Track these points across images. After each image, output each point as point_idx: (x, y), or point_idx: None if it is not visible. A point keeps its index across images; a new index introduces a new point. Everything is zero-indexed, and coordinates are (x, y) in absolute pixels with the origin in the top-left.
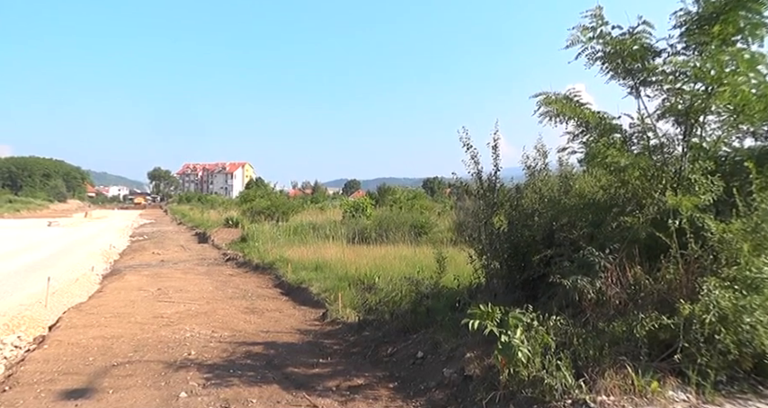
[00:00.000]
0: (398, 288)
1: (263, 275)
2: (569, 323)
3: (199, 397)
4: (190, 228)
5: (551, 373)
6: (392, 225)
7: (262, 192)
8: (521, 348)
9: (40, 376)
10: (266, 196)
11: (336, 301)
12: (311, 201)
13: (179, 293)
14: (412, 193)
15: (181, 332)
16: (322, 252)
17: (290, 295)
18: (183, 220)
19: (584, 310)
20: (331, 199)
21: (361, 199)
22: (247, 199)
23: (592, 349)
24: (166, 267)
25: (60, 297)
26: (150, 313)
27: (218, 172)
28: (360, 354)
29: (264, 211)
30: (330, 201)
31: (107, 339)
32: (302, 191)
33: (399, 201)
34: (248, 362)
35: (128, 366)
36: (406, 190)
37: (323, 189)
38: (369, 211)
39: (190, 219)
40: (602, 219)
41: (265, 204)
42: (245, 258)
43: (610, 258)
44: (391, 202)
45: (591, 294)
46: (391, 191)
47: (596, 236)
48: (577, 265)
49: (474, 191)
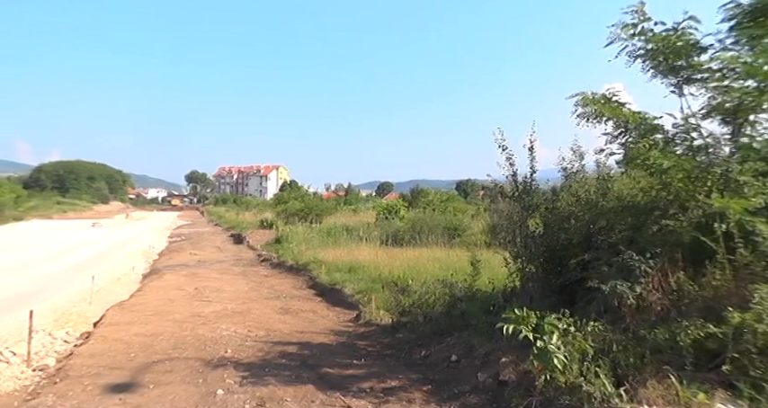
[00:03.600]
0: (432, 290)
1: (298, 276)
2: (608, 330)
3: (235, 395)
4: (225, 229)
5: (590, 380)
6: (425, 227)
7: (296, 194)
8: (557, 354)
9: (87, 370)
10: (300, 198)
11: (370, 303)
12: (344, 203)
13: (216, 293)
14: (445, 195)
15: (218, 331)
16: (355, 253)
17: (324, 296)
18: (219, 222)
19: (624, 316)
20: (364, 202)
21: (395, 202)
22: (282, 201)
23: (632, 356)
24: (203, 267)
25: (104, 294)
26: (188, 311)
27: (253, 174)
28: (394, 356)
29: (298, 213)
30: (363, 203)
31: (148, 336)
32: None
33: (432, 203)
34: (283, 362)
35: (167, 362)
36: (440, 193)
37: (356, 191)
38: (402, 213)
39: (226, 221)
40: (642, 222)
41: (299, 206)
42: (279, 259)
43: (651, 262)
44: (424, 204)
45: (631, 299)
46: (424, 193)
47: (636, 240)
48: (616, 270)
49: (509, 193)
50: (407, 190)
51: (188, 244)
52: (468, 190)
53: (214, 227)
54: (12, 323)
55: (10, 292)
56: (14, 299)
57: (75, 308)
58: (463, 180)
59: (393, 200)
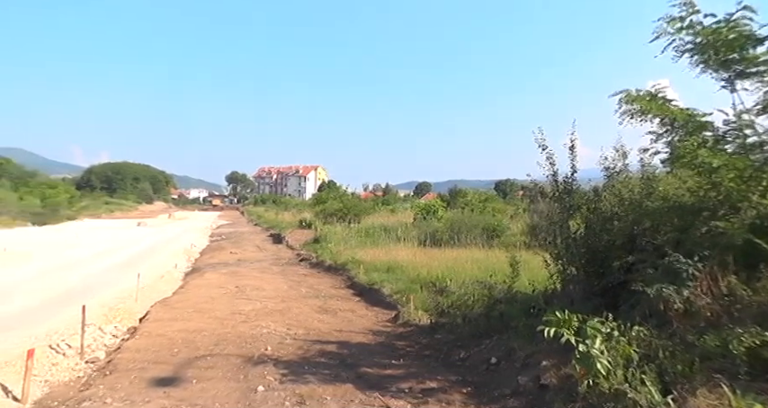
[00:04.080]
0: (471, 291)
1: (336, 275)
2: (654, 335)
3: (275, 392)
4: (265, 229)
5: (635, 387)
6: (464, 227)
7: (334, 195)
8: (600, 359)
9: (134, 364)
10: (338, 198)
11: (408, 303)
12: (382, 203)
13: (256, 291)
14: (484, 195)
15: (258, 329)
16: (393, 253)
17: (362, 296)
18: (259, 221)
19: (671, 321)
20: (402, 202)
21: (433, 202)
22: (320, 202)
23: (680, 363)
24: (243, 266)
25: (148, 291)
26: (229, 309)
27: (292, 174)
28: (432, 357)
29: (337, 213)
30: (401, 204)
31: (190, 332)
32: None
33: (471, 204)
34: (322, 360)
35: (209, 358)
36: (478, 193)
37: (394, 191)
38: (440, 214)
39: (265, 220)
40: (689, 224)
41: (338, 206)
42: (318, 259)
43: (699, 265)
44: (463, 204)
45: (678, 304)
46: (462, 194)
47: (683, 242)
48: (662, 272)
49: (549, 194)
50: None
51: (228, 244)
52: (507, 190)
53: (254, 227)
54: (66, 318)
55: (65, 288)
56: (68, 295)
57: (122, 304)
58: (502, 180)
59: (431, 200)
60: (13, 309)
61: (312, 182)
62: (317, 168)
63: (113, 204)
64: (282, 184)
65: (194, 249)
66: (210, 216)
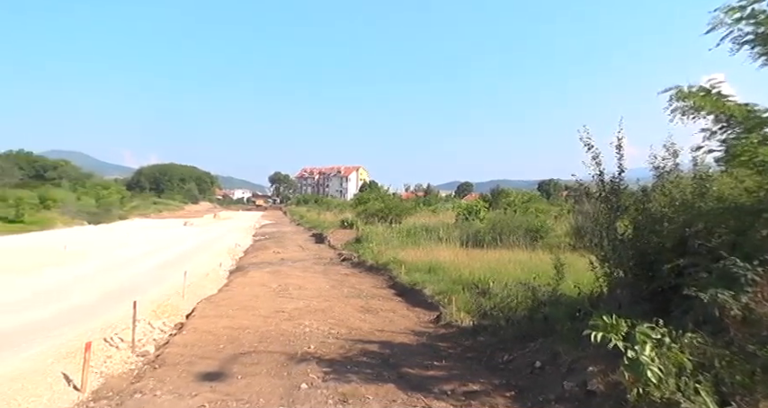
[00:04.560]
0: (514, 293)
1: (377, 275)
2: (708, 343)
3: (318, 390)
4: (307, 229)
5: (689, 397)
6: (506, 228)
7: (375, 195)
8: (651, 366)
9: (181, 358)
10: (380, 198)
11: (450, 304)
12: (424, 204)
13: (298, 290)
14: (527, 196)
15: (301, 327)
16: (435, 254)
17: (403, 296)
18: (301, 221)
19: (727, 328)
20: (443, 202)
21: (475, 202)
22: (361, 202)
23: (739, 374)
24: (286, 265)
25: (195, 289)
26: (272, 307)
27: (334, 175)
28: (475, 359)
29: (378, 213)
30: (443, 204)
31: (235, 329)
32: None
33: (514, 204)
34: (364, 360)
35: (254, 355)
36: (521, 193)
37: (435, 191)
38: (482, 214)
39: (307, 220)
40: (747, 226)
41: (379, 206)
42: (359, 258)
43: (759, 270)
44: (505, 205)
45: (735, 310)
46: (505, 194)
47: (740, 245)
48: (717, 277)
49: (595, 194)
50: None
51: (271, 243)
52: (551, 190)
53: (296, 227)
54: (119, 313)
55: (117, 285)
56: (120, 291)
57: (170, 301)
58: (545, 180)
59: (473, 201)
60: (73, 304)
61: (353, 183)
62: (359, 169)
63: (161, 204)
64: (324, 185)
65: (238, 248)
66: (254, 215)
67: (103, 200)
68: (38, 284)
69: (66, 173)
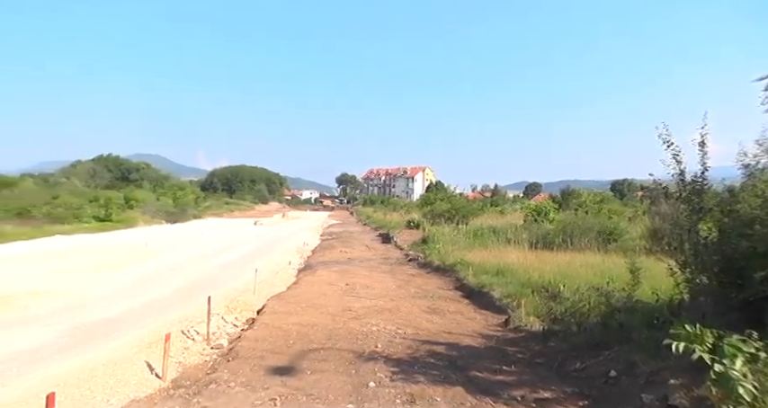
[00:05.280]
0: (586, 298)
1: (444, 277)
2: None
3: (386, 389)
4: (374, 229)
5: None
6: (577, 230)
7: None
8: (743, 382)
9: (253, 353)
10: (446, 199)
11: (519, 308)
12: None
13: (365, 289)
14: (599, 196)
15: (368, 326)
16: (503, 256)
17: (470, 298)
18: (368, 221)
19: None
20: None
21: (544, 203)
22: (428, 202)
23: None
24: (353, 265)
25: (265, 286)
26: (340, 305)
27: (400, 176)
28: (545, 365)
29: (444, 214)
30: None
31: (304, 326)
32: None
33: (585, 205)
34: (432, 361)
35: (322, 352)
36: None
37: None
38: (552, 215)
39: (374, 221)
40: None
41: (445, 207)
42: (426, 259)
43: None
44: (576, 206)
45: None
46: (576, 194)
47: None
48: None
49: (674, 194)
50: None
51: (338, 243)
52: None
53: (363, 227)
54: (194, 307)
55: (193, 280)
56: (196, 286)
57: (242, 297)
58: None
59: (542, 202)
60: (152, 298)
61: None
62: (425, 169)
63: (233, 204)
64: (390, 185)
65: (307, 247)
66: (321, 216)
67: (180, 201)
68: (123, 279)
69: (147, 175)
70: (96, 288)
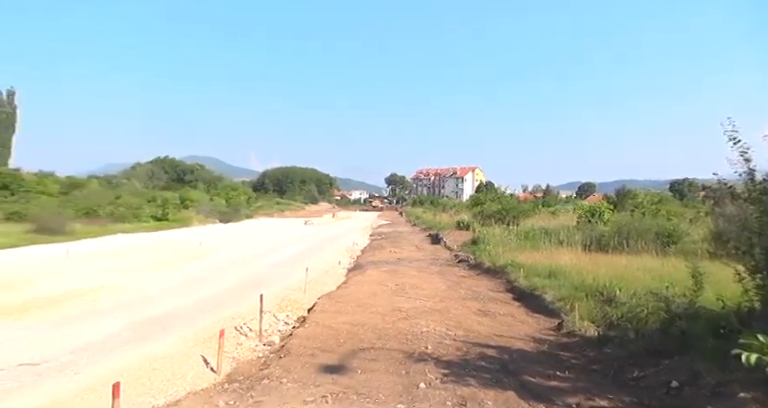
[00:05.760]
0: (644, 303)
1: (495, 278)
2: None
3: (437, 390)
4: (423, 230)
5: None
6: (633, 232)
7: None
8: None
9: (304, 350)
10: (496, 200)
11: (573, 311)
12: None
13: (415, 290)
14: (657, 197)
15: (417, 327)
16: (555, 258)
17: (522, 300)
18: (417, 222)
19: None
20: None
21: (598, 204)
22: (478, 203)
23: None
24: (402, 265)
25: (315, 285)
26: (389, 306)
27: (449, 176)
28: (601, 372)
29: (495, 215)
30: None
31: (353, 325)
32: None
33: (641, 206)
34: (482, 364)
35: (372, 351)
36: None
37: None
38: (606, 216)
39: (423, 221)
40: None
41: (496, 207)
42: (476, 260)
43: None
44: (632, 207)
45: None
46: (632, 195)
47: None
48: None
49: (743, 194)
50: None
51: (387, 243)
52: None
53: (412, 227)
54: (246, 304)
55: (245, 278)
56: (248, 284)
57: (293, 295)
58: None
59: (596, 202)
60: (206, 295)
61: (469, 184)
62: (475, 169)
63: (283, 204)
64: (440, 186)
65: (356, 247)
66: (371, 216)
67: (232, 201)
68: (179, 277)
69: (201, 176)
70: (155, 284)
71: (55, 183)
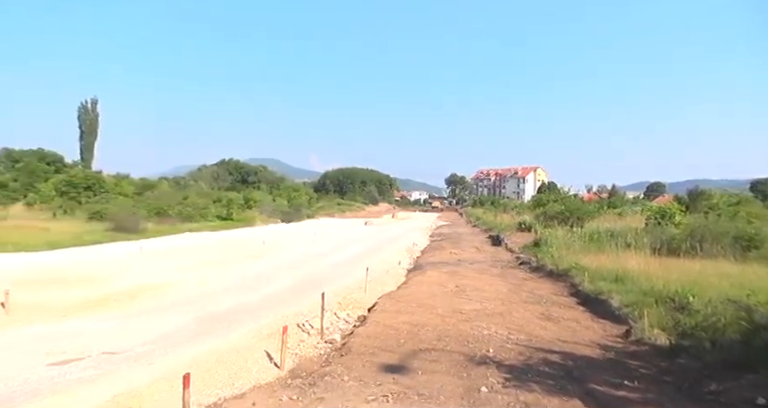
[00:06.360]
0: (721, 312)
1: (558, 282)
2: None
3: (499, 395)
4: (483, 231)
5: None
6: (708, 235)
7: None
8: None
9: (365, 349)
10: (559, 200)
11: (642, 318)
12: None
13: (475, 292)
14: (734, 198)
15: (478, 329)
16: (622, 261)
17: (586, 305)
18: (477, 223)
19: None
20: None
21: (668, 205)
22: (540, 204)
23: None
24: (462, 266)
25: (375, 284)
26: (450, 307)
27: (510, 176)
28: (673, 384)
29: (558, 216)
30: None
31: (414, 325)
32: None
33: (717, 207)
34: (546, 370)
35: (432, 352)
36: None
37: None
38: (677, 218)
39: (483, 222)
40: None
41: (559, 208)
42: (538, 263)
43: None
44: (706, 209)
45: None
46: (706, 196)
47: None
48: None
49: None
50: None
51: (448, 244)
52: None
53: (472, 228)
54: (308, 302)
55: (307, 277)
56: (310, 283)
57: (353, 294)
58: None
59: (666, 203)
60: (269, 292)
61: (531, 184)
62: (537, 169)
63: (344, 205)
64: (500, 186)
65: (416, 247)
66: (430, 216)
67: (294, 201)
68: (243, 274)
69: (264, 178)
70: (220, 281)
71: (130, 185)
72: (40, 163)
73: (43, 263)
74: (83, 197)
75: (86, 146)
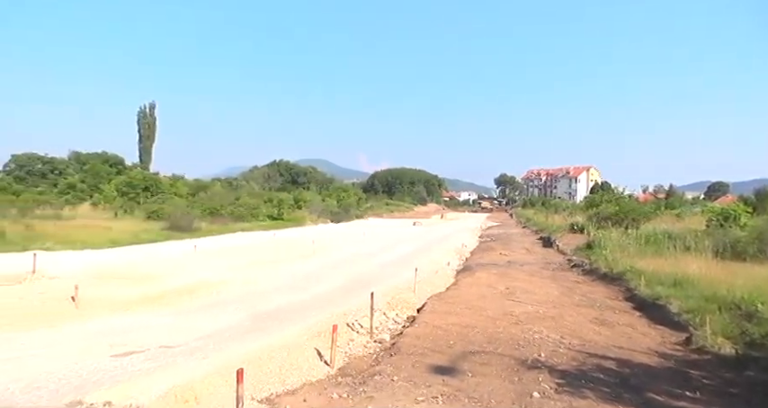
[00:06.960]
0: None
1: (612, 285)
2: None
3: (551, 401)
4: (534, 232)
5: None
6: None
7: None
8: None
9: (414, 349)
10: (613, 201)
11: (703, 326)
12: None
13: (526, 294)
14: None
15: (529, 333)
16: (681, 265)
17: (643, 310)
18: (528, 224)
19: None
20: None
21: (732, 206)
22: (593, 204)
23: None
24: (513, 268)
25: (424, 285)
26: (500, 309)
27: (562, 176)
28: (741, 398)
29: (612, 217)
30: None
31: (463, 327)
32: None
33: None
34: (600, 376)
35: (483, 355)
36: None
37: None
38: (743, 220)
39: (534, 223)
40: None
41: (612, 209)
42: (591, 265)
43: None
44: None
45: None
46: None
47: None
48: None
49: None
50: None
51: (497, 245)
52: None
53: (522, 229)
54: (357, 302)
55: (356, 276)
56: (359, 282)
57: (402, 295)
58: None
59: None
60: (319, 291)
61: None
62: (589, 169)
63: (392, 205)
64: (552, 186)
65: (465, 248)
66: (479, 217)
67: (343, 202)
68: (294, 273)
69: (313, 178)
70: (271, 279)
71: (184, 186)
72: (104, 165)
73: (106, 260)
74: (141, 197)
75: (144, 149)
